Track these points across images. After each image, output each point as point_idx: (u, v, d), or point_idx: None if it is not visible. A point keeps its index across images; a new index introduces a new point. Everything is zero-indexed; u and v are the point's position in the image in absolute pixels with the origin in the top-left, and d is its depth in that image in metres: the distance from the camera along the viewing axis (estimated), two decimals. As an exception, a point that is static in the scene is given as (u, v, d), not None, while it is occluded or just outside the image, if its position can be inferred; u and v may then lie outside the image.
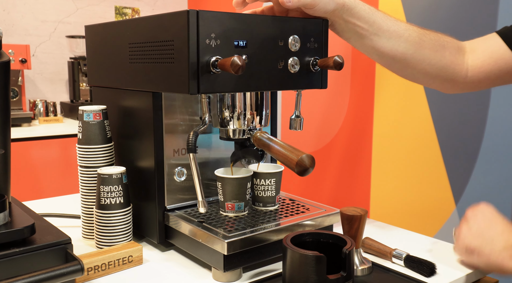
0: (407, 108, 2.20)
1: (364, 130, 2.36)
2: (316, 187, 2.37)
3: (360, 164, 2.37)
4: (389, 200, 2.27)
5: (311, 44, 0.88)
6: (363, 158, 2.36)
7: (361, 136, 2.37)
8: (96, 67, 1.03)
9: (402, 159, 2.23)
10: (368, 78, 2.29)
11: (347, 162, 2.39)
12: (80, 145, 0.94)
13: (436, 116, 2.14)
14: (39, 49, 3.03)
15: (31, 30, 2.99)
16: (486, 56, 0.95)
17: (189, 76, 0.75)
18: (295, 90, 0.92)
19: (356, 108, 2.37)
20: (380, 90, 2.27)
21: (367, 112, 2.32)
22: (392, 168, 2.26)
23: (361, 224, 0.80)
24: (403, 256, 0.85)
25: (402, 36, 0.91)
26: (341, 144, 2.40)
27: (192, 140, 0.79)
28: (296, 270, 0.70)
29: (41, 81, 3.07)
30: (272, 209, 0.93)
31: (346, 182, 2.41)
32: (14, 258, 0.67)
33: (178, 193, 0.92)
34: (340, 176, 2.38)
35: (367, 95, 2.32)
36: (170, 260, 0.88)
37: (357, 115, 2.36)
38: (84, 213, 0.97)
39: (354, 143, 2.39)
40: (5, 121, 0.75)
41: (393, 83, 2.22)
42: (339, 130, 2.40)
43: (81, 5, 3.12)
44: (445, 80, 0.97)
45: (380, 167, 2.30)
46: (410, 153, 2.20)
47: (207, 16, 0.75)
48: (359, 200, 2.38)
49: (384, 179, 2.29)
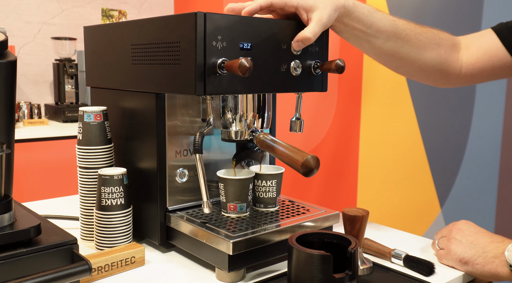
0: (394, 112, 2.24)
1: (351, 134, 2.39)
2: (304, 190, 2.39)
3: (347, 167, 2.40)
4: (375, 203, 2.30)
5: (312, 48, 0.90)
6: (350, 161, 2.39)
7: (348, 140, 2.40)
8: (96, 68, 1.03)
9: (389, 163, 2.26)
10: (355, 82, 2.32)
11: (334, 165, 2.41)
12: (80, 145, 0.94)
13: (421, 120, 2.19)
14: (22, 51, 2.99)
15: (15, 31, 2.95)
16: (480, 53, 0.98)
17: (196, 77, 0.75)
18: (296, 93, 0.93)
19: (344, 112, 2.40)
20: (367, 94, 2.30)
21: (354, 116, 2.35)
22: (379, 171, 2.30)
23: (363, 224, 0.82)
24: (402, 256, 0.87)
25: (400, 36, 0.93)
26: (329, 147, 2.43)
27: (198, 141, 0.79)
28: (302, 269, 0.71)
29: (24, 83, 3.03)
30: (273, 210, 0.94)
31: (333, 184, 2.44)
32: (20, 259, 0.67)
33: (179, 194, 0.92)
34: (327, 178, 2.41)
35: (354, 99, 2.35)
36: (172, 261, 0.88)
37: (344, 119, 2.39)
38: (83, 214, 0.96)
39: (341, 146, 2.42)
40: (11, 121, 0.75)
41: (380, 88, 2.26)
42: (327, 134, 2.42)
43: (67, 6, 3.09)
44: (440, 77, 1.00)
45: (366, 170, 2.34)
46: (396, 157, 2.24)
47: (214, 18, 0.76)
48: (345, 203, 2.40)
49: (371, 182, 2.33)
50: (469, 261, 0.81)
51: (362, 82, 2.32)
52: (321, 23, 0.84)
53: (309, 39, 0.84)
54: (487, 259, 0.80)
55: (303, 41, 0.84)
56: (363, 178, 2.37)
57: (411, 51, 0.94)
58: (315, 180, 2.41)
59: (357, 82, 2.32)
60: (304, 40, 0.84)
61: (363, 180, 2.36)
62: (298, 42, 0.85)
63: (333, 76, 2.28)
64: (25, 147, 2.40)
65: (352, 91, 2.36)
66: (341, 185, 2.44)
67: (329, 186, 2.43)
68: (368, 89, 2.32)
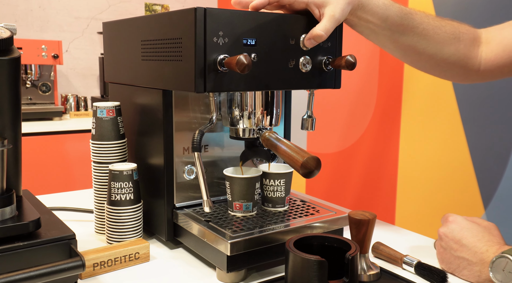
0: (436, 108, 2.14)
1: (391, 131, 2.31)
2: (340, 189, 2.34)
3: (386, 166, 2.32)
4: (415, 204, 2.21)
5: (324, 43, 0.86)
6: (390, 160, 2.31)
7: (387, 138, 2.32)
8: (112, 64, 1.04)
9: (430, 161, 2.17)
10: (396, 77, 2.23)
11: (372, 164, 2.34)
12: (93, 140, 0.95)
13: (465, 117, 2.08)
14: (72, 45, 3.10)
15: (65, 26, 3.06)
16: (500, 50, 0.91)
17: (196, 74, 0.74)
18: (307, 90, 0.90)
19: (383, 108, 2.32)
20: (408, 90, 2.21)
21: (395, 112, 2.27)
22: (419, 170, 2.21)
23: (369, 228, 0.78)
24: (413, 263, 0.82)
25: (416, 31, 0.88)
26: (367, 144, 2.36)
27: (197, 139, 0.78)
28: (298, 274, 0.69)
29: (73, 76, 3.14)
30: (281, 210, 0.91)
31: (371, 183, 2.37)
32: (18, 252, 0.69)
33: (187, 191, 0.92)
34: (365, 177, 2.34)
35: (394, 95, 2.27)
36: (177, 258, 0.88)
37: (384, 115, 2.31)
38: (96, 208, 0.98)
39: (380, 143, 2.34)
40: (16, 116, 0.76)
41: (422, 83, 2.17)
42: (365, 131, 2.35)
43: (114, 1, 3.17)
44: (458, 73, 0.94)
45: (406, 169, 2.25)
46: (438, 155, 2.14)
47: (214, 14, 0.74)
48: (384, 204, 2.33)
49: (411, 181, 2.24)
50: (454, 271, 0.81)
51: (403, 77, 2.23)
52: (334, 19, 0.81)
53: (321, 37, 0.80)
54: (473, 272, 0.78)
55: (315, 38, 0.81)
56: (403, 176, 2.28)
57: (428, 46, 0.89)
58: (352, 178, 2.35)
59: (398, 76, 2.23)
60: (316, 38, 0.81)
61: (403, 179, 2.28)
62: (310, 39, 0.81)
63: (373, 70, 2.21)
64: (72, 137, 2.49)
65: (393, 86, 2.27)
66: (379, 185, 2.36)
67: (366, 186, 2.37)
68: (410, 83, 2.23)
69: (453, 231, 0.81)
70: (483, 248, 0.77)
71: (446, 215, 0.87)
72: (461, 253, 0.79)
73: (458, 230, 0.81)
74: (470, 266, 0.78)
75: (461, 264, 0.79)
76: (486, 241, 0.78)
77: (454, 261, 0.80)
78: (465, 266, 0.79)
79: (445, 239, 0.82)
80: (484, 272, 0.76)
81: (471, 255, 0.78)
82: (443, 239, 0.83)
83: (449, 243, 0.81)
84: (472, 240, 0.78)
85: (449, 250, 0.81)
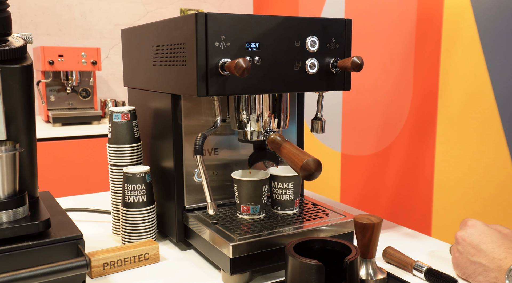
0: (474, 109, 2.06)
1: (427, 133, 2.25)
2: (374, 192, 2.30)
3: (422, 169, 2.26)
4: (453, 207, 2.14)
5: (331, 45, 0.85)
6: (425, 163, 2.25)
7: (423, 139, 2.26)
8: (129, 69, 1.07)
9: (468, 164, 2.09)
10: (432, 77, 2.17)
11: (408, 166, 2.29)
12: (109, 144, 0.98)
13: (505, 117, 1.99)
14: (112, 52, 3.20)
15: (106, 33, 3.16)
16: None
17: (198, 78, 0.75)
18: (316, 92, 0.89)
19: (419, 109, 2.26)
20: (445, 90, 2.15)
21: (430, 113, 2.21)
22: (457, 173, 2.13)
23: (375, 232, 0.76)
24: (424, 269, 0.80)
25: None
26: (402, 146, 2.30)
27: (199, 142, 0.79)
28: (296, 278, 0.69)
29: (113, 81, 3.24)
30: (290, 213, 0.91)
31: (407, 187, 2.31)
32: (27, 251, 0.72)
33: (197, 193, 0.93)
34: (400, 180, 2.29)
35: (430, 96, 2.21)
36: (187, 259, 0.89)
37: (419, 116, 2.25)
38: (114, 210, 1.01)
39: (416, 146, 2.28)
40: (30, 121, 0.80)
41: (459, 83, 2.10)
42: (400, 132, 2.30)
43: (151, 8, 3.25)
44: None
45: (443, 172, 2.18)
46: (476, 158, 2.06)
47: (216, 18, 0.75)
48: (420, 206, 2.27)
49: (448, 185, 2.17)
50: (469, 277, 0.78)
51: (439, 77, 2.17)
52: None
53: None
54: (488, 279, 0.75)
55: None
56: (440, 180, 2.21)
57: None
58: (386, 182, 2.30)
59: (433, 76, 2.17)
60: None
61: (440, 183, 2.21)
62: None
63: (408, 70, 2.16)
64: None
65: (429, 86, 2.21)
66: (415, 187, 2.30)
67: (402, 188, 2.31)
68: (446, 83, 2.16)
69: (472, 235, 0.79)
70: (502, 255, 0.74)
71: (465, 220, 0.84)
72: (478, 258, 0.76)
73: (477, 234, 0.78)
74: (486, 272, 0.75)
75: (477, 270, 0.76)
76: (506, 248, 0.75)
77: (470, 266, 0.77)
78: (481, 272, 0.76)
79: (462, 243, 0.80)
80: (500, 279, 0.73)
81: (489, 261, 0.75)
82: (460, 243, 0.80)
83: (467, 247, 0.78)
84: (491, 246, 0.76)
85: (465, 255, 0.78)
